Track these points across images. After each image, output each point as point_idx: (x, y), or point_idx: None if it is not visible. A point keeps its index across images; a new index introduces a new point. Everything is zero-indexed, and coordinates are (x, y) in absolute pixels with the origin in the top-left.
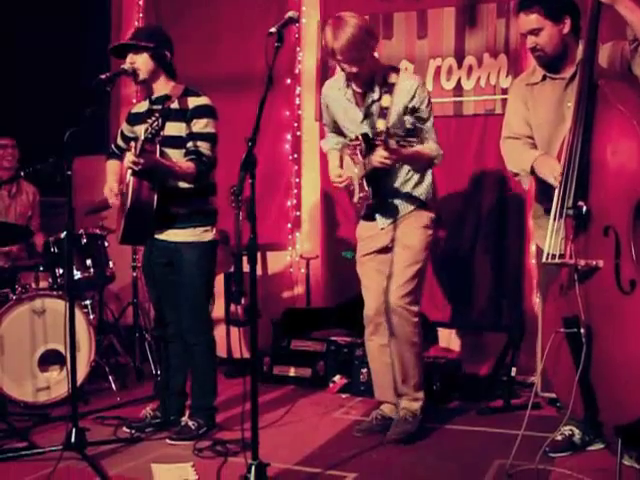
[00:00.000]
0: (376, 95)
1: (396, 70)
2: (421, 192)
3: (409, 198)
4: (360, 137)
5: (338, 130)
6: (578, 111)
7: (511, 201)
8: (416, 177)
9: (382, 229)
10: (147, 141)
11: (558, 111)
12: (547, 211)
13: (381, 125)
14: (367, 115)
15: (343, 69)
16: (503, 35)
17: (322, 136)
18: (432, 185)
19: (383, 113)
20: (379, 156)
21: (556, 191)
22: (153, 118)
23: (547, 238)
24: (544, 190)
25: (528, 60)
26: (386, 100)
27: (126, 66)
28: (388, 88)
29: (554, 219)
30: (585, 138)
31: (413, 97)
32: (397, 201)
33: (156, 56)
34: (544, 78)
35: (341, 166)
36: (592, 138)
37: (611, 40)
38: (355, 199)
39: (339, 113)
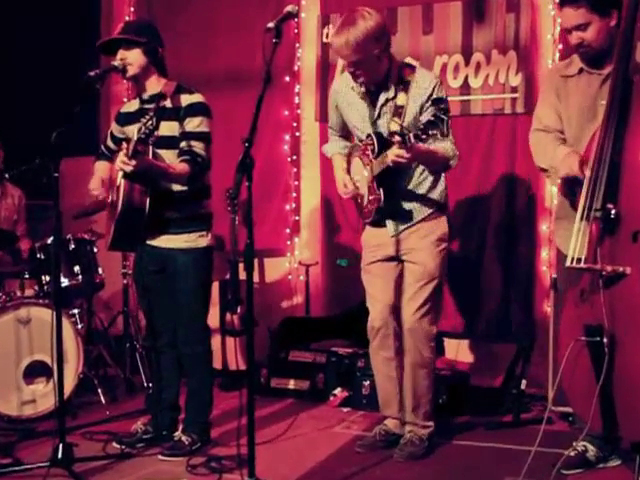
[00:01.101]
0: (391, 93)
1: (412, 67)
2: (436, 196)
3: (425, 201)
4: (373, 136)
5: (345, 133)
6: (611, 108)
7: (521, 205)
8: (430, 179)
9: (392, 236)
10: (140, 142)
11: (591, 107)
12: (574, 207)
13: (395, 125)
14: (380, 114)
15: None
16: (513, 30)
17: (322, 137)
18: (445, 191)
19: (398, 112)
20: (393, 154)
21: (583, 191)
22: (147, 117)
23: (572, 241)
24: (573, 181)
25: (539, 57)
26: (402, 98)
27: (116, 62)
28: (404, 86)
29: (580, 220)
30: (617, 137)
31: (431, 95)
32: (411, 204)
33: (148, 51)
34: (580, 71)
35: (348, 171)
36: (625, 137)
37: None
38: (364, 204)
39: (350, 112)
